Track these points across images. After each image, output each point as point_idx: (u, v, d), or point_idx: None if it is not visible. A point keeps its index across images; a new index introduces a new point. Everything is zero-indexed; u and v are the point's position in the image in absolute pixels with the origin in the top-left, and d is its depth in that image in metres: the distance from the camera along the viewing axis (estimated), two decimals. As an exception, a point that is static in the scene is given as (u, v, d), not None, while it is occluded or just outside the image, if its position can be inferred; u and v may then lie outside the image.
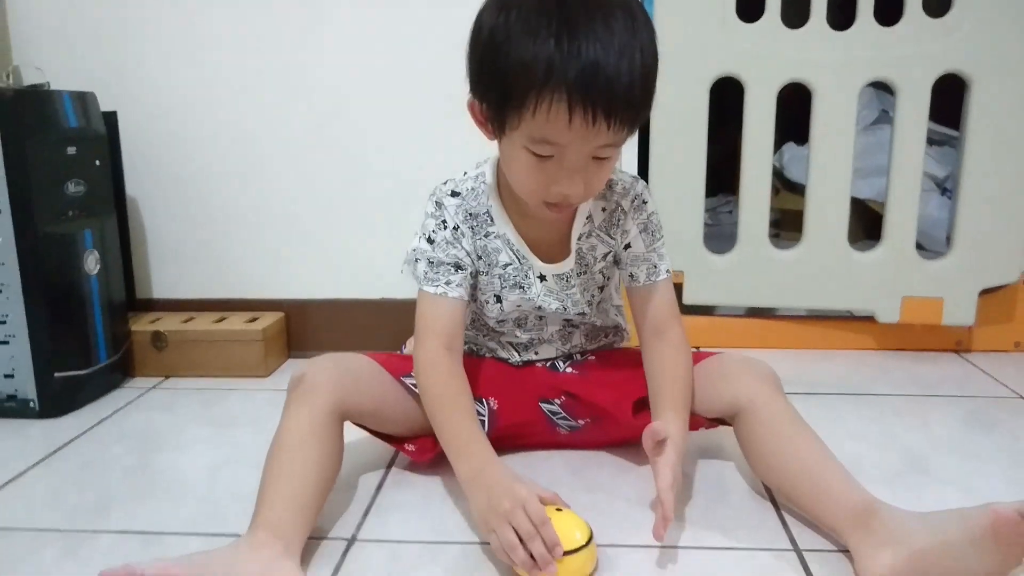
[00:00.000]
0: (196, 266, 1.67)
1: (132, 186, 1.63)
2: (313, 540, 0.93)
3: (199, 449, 1.22)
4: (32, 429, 1.30)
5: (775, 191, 1.96)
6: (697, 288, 1.61)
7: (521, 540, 0.81)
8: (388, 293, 1.65)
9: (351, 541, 0.95)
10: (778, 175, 2.11)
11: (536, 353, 1.18)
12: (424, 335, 1.04)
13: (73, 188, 1.36)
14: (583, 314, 1.14)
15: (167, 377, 1.55)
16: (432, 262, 1.05)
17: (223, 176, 1.63)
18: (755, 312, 1.68)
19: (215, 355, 1.54)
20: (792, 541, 0.93)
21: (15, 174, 1.26)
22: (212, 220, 1.65)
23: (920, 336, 1.62)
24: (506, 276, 1.09)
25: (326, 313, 1.66)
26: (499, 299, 1.11)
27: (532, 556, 0.81)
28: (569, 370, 1.17)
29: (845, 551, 0.88)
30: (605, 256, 1.11)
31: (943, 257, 1.56)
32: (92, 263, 1.40)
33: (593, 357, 1.20)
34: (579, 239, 1.09)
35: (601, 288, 1.14)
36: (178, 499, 1.07)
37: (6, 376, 1.34)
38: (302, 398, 0.99)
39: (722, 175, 1.56)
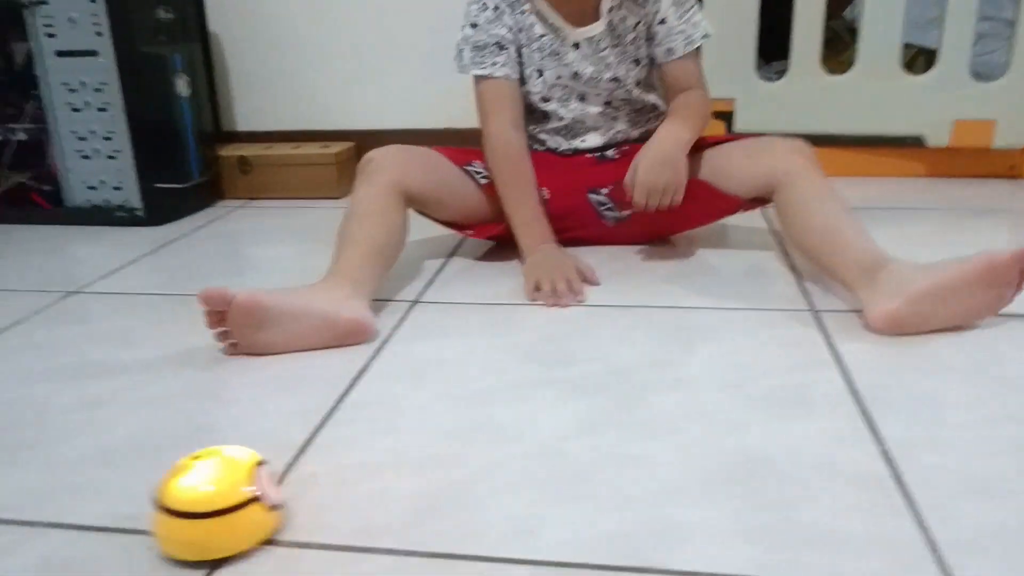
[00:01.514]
0: (274, 99, 1.80)
1: (214, 23, 1.75)
2: (379, 302, 1.07)
3: (283, 245, 1.38)
4: (140, 233, 1.48)
5: (843, 47, 1.94)
6: (749, 115, 1.66)
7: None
8: (452, 123, 1.74)
9: (414, 303, 1.08)
10: (849, 29, 2.08)
11: (583, 140, 1.26)
12: (487, 116, 1.20)
13: (163, 14, 1.49)
14: (617, 80, 1.21)
15: (252, 198, 1.71)
16: (477, 46, 1.20)
17: (299, 11, 1.73)
18: (806, 140, 1.72)
19: (294, 178, 1.69)
20: (810, 304, 1.02)
21: (113, -4, 1.39)
22: (289, 55, 1.76)
23: (971, 162, 1.64)
24: (543, 47, 1.20)
25: (394, 142, 1.76)
26: (540, 72, 1.22)
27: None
28: (615, 156, 1.26)
29: (857, 311, 0.97)
30: (636, 26, 1.19)
31: (997, 79, 1.56)
32: (183, 85, 1.53)
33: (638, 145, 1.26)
34: (610, 11, 1.18)
35: (636, 63, 1.22)
36: (267, 274, 1.23)
37: (115, 188, 1.51)
38: (370, 176, 1.12)
39: (777, 44, 1.60)
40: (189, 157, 1.57)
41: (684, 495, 0.64)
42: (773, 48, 1.69)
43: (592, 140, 1.27)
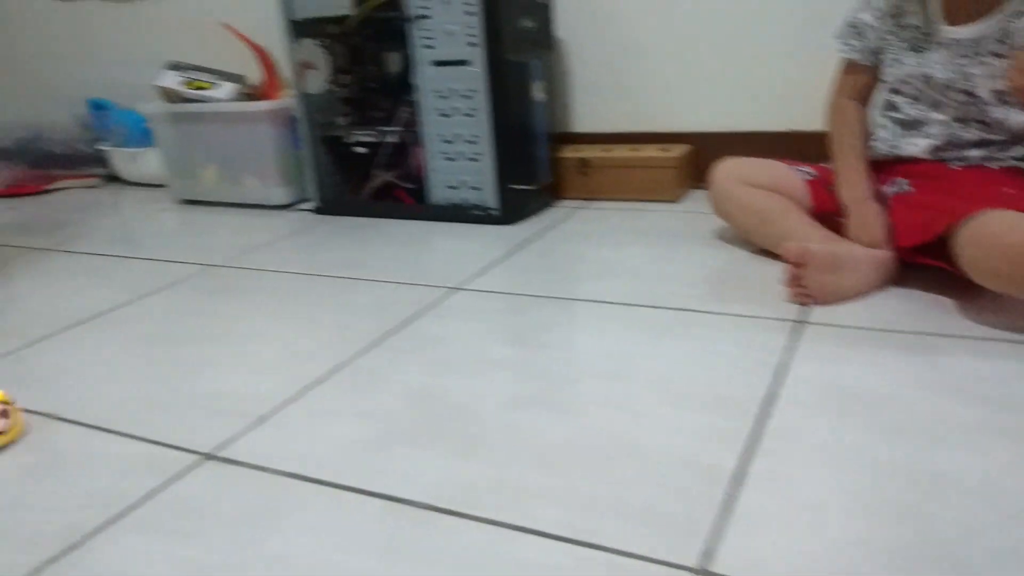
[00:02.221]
0: (612, 101, 1.82)
1: (561, 29, 1.80)
2: (754, 319, 1.04)
3: (633, 247, 1.39)
4: (495, 232, 1.56)
5: None
6: None
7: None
8: (793, 125, 1.66)
9: (800, 322, 1.03)
10: None
11: (913, 143, 1.20)
12: (834, 86, 1.30)
13: (527, 23, 1.55)
14: (970, 94, 1.12)
15: (590, 199, 1.75)
16: (848, 23, 1.26)
17: (641, 15, 1.73)
18: None
19: (632, 180, 1.69)
20: None
21: (490, 9, 1.47)
22: (629, 58, 1.77)
23: None
24: (907, 38, 1.17)
25: (731, 144, 1.71)
26: (897, 61, 1.19)
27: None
28: (895, 190, 1.22)
29: None
30: None
31: None
32: (539, 91, 1.59)
33: (908, 187, 1.20)
34: (1013, 16, 1.06)
35: None
36: (625, 277, 1.25)
37: (473, 188, 1.61)
38: (727, 189, 1.31)
39: None
40: (540, 160, 1.63)
41: None
42: None
43: (921, 145, 1.20)
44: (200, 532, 0.70)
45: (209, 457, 0.82)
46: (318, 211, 1.82)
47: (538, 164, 1.63)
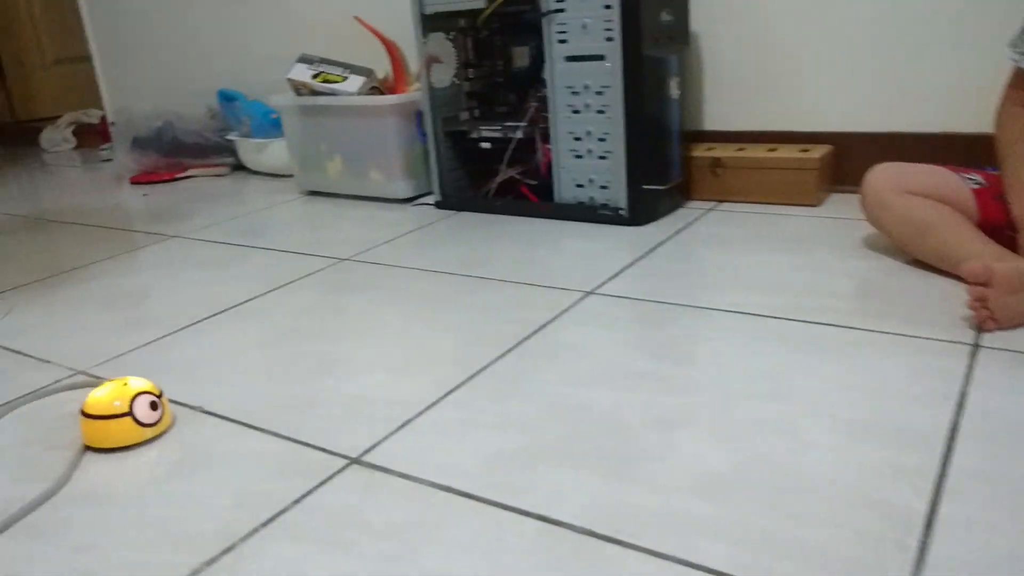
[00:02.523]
0: (746, 98, 1.73)
1: (695, 22, 1.72)
2: (925, 340, 0.95)
3: (776, 255, 1.31)
4: (625, 233, 1.51)
5: None
6: None
7: None
8: (951, 127, 1.54)
9: (975, 347, 0.95)
10: None
11: None
12: (1003, 98, 1.22)
13: (665, 16, 1.49)
14: None
15: (721, 201, 1.67)
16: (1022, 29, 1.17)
17: (782, 9, 1.64)
18: None
19: (768, 181, 1.61)
20: None
21: (629, 2, 1.41)
22: (766, 53, 1.68)
23: None
24: None
25: (878, 146, 1.61)
26: None
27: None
28: None
29: None
30: None
31: None
32: (675, 87, 1.53)
33: None
34: None
35: None
36: (771, 287, 1.18)
37: (602, 187, 1.56)
38: (880, 195, 1.22)
39: None
40: (673, 159, 1.57)
41: None
42: None
43: None
44: (352, 543, 0.68)
45: (355, 462, 0.81)
46: (438, 206, 1.81)
47: (671, 163, 1.57)
